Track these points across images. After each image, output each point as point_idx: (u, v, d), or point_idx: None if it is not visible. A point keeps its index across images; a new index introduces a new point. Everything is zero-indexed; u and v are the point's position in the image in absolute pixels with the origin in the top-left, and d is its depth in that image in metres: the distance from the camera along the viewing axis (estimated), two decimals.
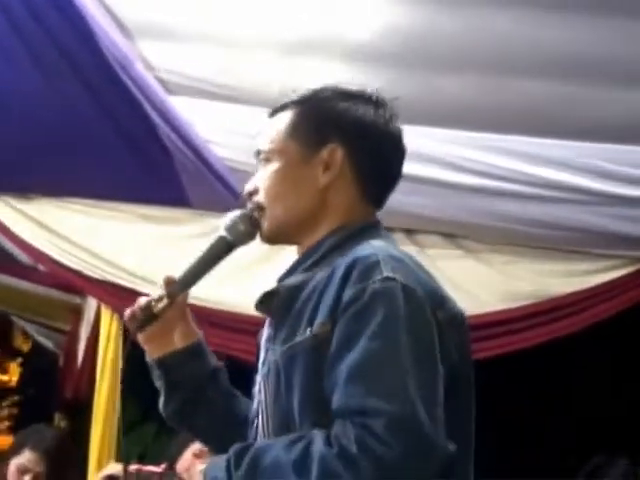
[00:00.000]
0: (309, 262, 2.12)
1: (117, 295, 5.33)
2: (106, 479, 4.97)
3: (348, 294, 1.90)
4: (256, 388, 2.16)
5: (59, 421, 6.59)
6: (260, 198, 2.18)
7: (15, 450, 5.10)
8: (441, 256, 5.15)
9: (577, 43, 3.81)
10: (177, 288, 2.22)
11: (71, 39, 4.23)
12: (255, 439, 2.09)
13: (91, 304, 5.80)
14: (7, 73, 4.38)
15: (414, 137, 4.48)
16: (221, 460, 1.97)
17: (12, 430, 9.07)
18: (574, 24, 3.78)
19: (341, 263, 1.97)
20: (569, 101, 4.20)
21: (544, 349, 5.47)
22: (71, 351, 6.60)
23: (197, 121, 4.77)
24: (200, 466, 2.05)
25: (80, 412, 5.69)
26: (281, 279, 2.16)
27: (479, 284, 5.25)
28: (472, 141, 4.50)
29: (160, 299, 2.20)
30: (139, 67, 4.46)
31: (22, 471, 5.04)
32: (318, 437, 1.83)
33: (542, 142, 4.57)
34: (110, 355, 5.33)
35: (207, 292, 4.54)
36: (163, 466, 5.21)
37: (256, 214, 2.18)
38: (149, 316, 2.20)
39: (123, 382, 5.25)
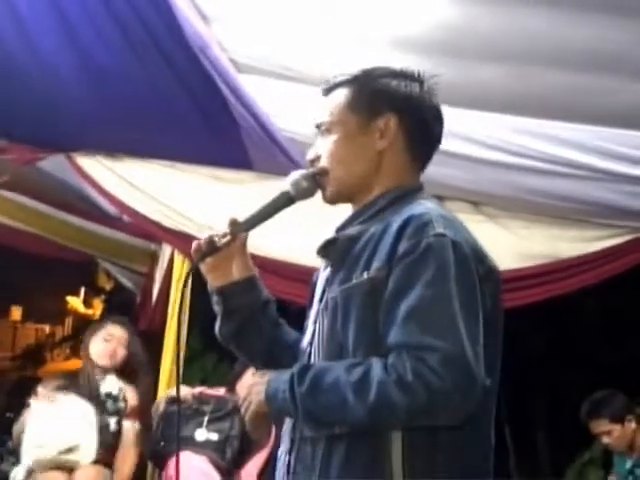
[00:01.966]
0: (365, 216, 2.13)
1: (188, 243, 5.23)
2: (171, 399, 5.02)
3: (404, 246, 1.92)
4: (310, 321, 2.18)
5: None
6: (323, 163, 2.18)
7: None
8: (465, 220, 5.11)
9: (593, 39, 3.76)
10: (239, 228, 2.21)
11: (158, 24, 4.20)
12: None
13: (166, 250, 5.82)
14: (105, 53, 4.37)
15: (452, 117, 4.51)
16: (285, 375, 1.97)
17: None
18: (591, 23, 3.73)
19: (397, 219, 1.99)
20: (584, 90, 4.16)
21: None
22: (147, 290, 6.65)
23: (262, 97, 4.74)
24: (262, 379, 2.04)
25: (153, 342, 5.71)
26: (339, 229, 2.18)
27: (498, 246, 5.22)
28: (500, 123, 4.45)
29: (224, 236, 2.20)
30: (214, 49, 4.43)
31: (107, 339, 5.13)
32: (376, 364, 1.84)
33: (561, 125, 4.51)
34: (180, 294, 5.31)
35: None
36: (222, 390, 5.26)
37: (319, 177, 2.18)
38: (212, 249, 2.20)
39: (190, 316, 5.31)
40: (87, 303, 10.17)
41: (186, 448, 4.86)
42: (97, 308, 9.92)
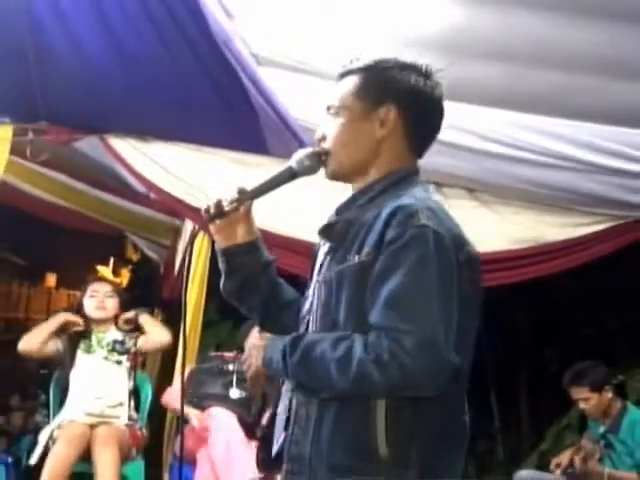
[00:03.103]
0: (362, 201, 2.12)
1: None
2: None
3: (391, 233, 1.93)
4: (310, 291, 2.19)
5: (157, 314, 6.61)
6: (327, 144, 2.17)
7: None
8: (461, 206, 5.12)
9: (587, 42, 3.76)
10: (246, 196, 2.22)
11: (186, 18, 4.18)
12: (305, 332, 2.12)
13: (188, 226, 5.81)
14: (137, 43, 4.35)
15: (456, 112, 4.48)
16: (279, 343, 2.02)
17: None
18: (581, 26, 3.72)
19: (387, 207, 1.99)
20: (574, 89, 4.15)
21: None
22: (170, 262, 6.65)
23: (279, 88, 4.71)
24: (260, 342, 2.09)
25: (173, 309, 5.70)
26: (338, 212, 2.18)
27: (491, 229, 5.23)
28: (499, 117, 4.44)
29: (231, 202, 2.21)
30: (237, 43, 4.40)
31: (93, 295, 5.17)
32: (358, 342, 1.88)
33: (553, 121, 4.50)
34: (200, 266, 5.36)
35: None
36: (235, 352, 5.26)
37: (323, 156, 2.18)
38: (219, 212, 2.22)
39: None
40: (115, 272, 10.16)
41: (217, 405, 4.88)
42: (124, 277, 9.91)
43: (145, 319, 5.35)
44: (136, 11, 4.22)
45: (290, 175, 2.21)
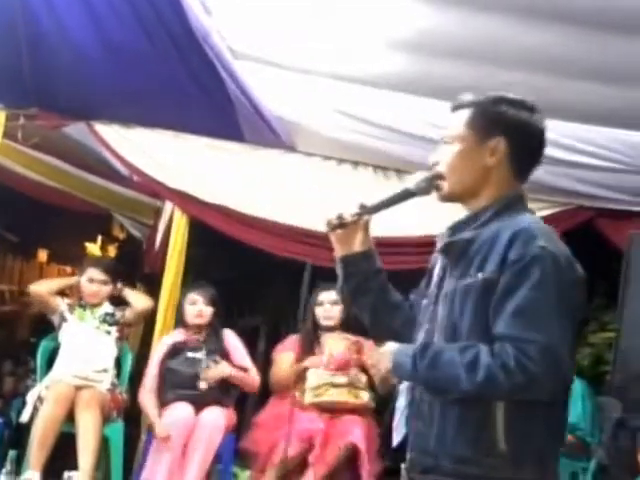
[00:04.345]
0: (477, 223, 2.15)
1: (187, 201, 5.31)
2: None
3: (514, 254, 1.99)
4: (428, 301, 2.22)
5: (139, 287, 6.53)
6: (441, 169, 2.20)
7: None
8: None
9: (542, 44, 3.77)
10: (365, 210, 2.28)
11: (168, 13, 4.13)
12: (426, 339, 2.16)
13: (168, 206, 5.73)
14: (122, 36, 4.30)
15: (418, 105, 4.43)
16: (409, 349, 2.09)
17: None
18: (539, 29, 3.71)
19: (505, 228, 2.05)
20: (532, 86, 4.04)
21: None
22: (151, 240, 6.57)
23: (254, 80, 4.65)
24: (387, 350, 2.14)
25: (155, 282, 5.64)
26: (454, 231, 2.19)
27: (442, 213, 5.14)
28: None
29: (353, 215, 2.28)
30: (215, 37, 4.34)
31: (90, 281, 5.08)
32: (484, 350, 1.95)
33: None
34: (178, 243, 5.29)
35: None
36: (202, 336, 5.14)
37: (437, 180, 2.21)
38: (340, 223, 2.29)
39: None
40: (103, 249, 10.04)
41: (185, 399, 4.79)
42: (111, 253, 9.81)
43: (127, 292, 5.33)
44: (122, 5, 4.16)
45: (408, 195, 2.25)
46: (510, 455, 1.98)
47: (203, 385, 4.77)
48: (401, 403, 2.22)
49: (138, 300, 5.28)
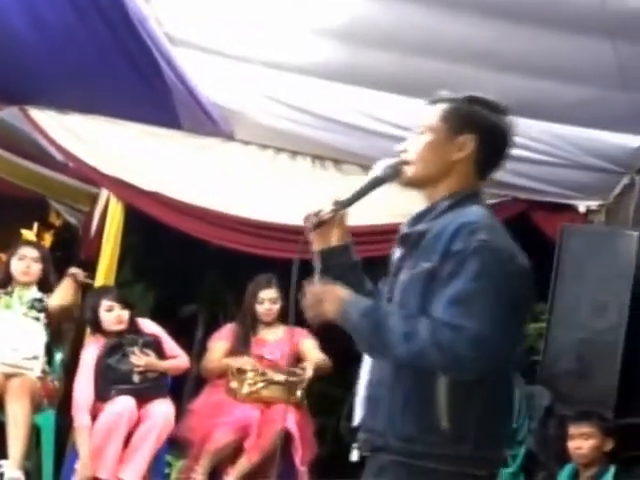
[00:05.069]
0: (432, 216, 2.23)
1: (123, 188, 5.27)
2: None
3: (456, 245, 2.09)
4: (386, 288, 2.32)
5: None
6: (409, 156, 2.28)
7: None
8: (357, 181, 5.06)
9: (469, 36, 3.81)
10: (340, 205, 2.33)
11: None
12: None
13: (103, 193, 5.67)
14: (57, 20, 4.26)
15: (351, 94, 4.45)
16: (360, 304, 2.18)
17: None
18: (467, 22, 3.75)
19: (454, 221, 2.14)
20: (459, 77, 4.14)
21: None
22: (87, 226, 6.49)
23: (191, 67, 4.64)
24: (338, 291, 2.21)
25: (90, 269, 5.58)
26: (412, 224, 2.28)
27: (380, 203, 5.16)
28: (390, 101, 4.41)
29: (329, 212, 2.34)
30: (152, 23, 4.31)
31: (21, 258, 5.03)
32: (424, 324, 2.06)
33: None
34: (113, 230, 5.27)
35: None
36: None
37: (402, 166, 2.28)
38: (319, 222, 2.35)
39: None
40: (39, 236, 9.88)
41: (123, 393, 4.74)
42: (47, 241, 9.64)
43: (62, 284, 5.14)
44: None
45: (378, 182, 2.31)
46: (451, 433, 2.10)
47: (136, 378, 4.74)
48: (360, 386, 2.33)
49: (58, 293, 5.09)
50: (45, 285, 5.13)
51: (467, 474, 2.11)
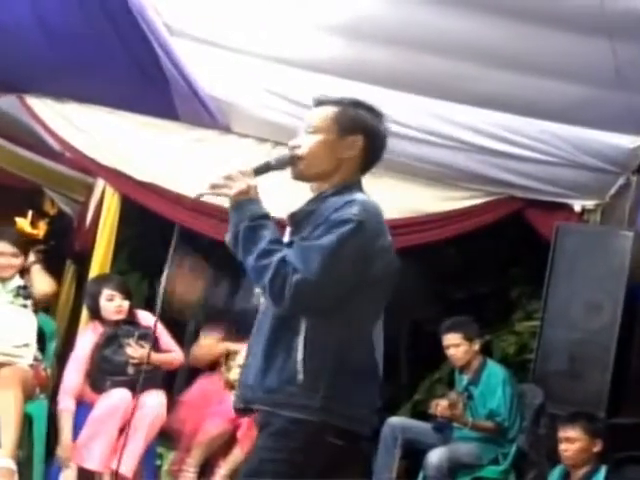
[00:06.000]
0: (318, 201, 2.52)
1: (118, 178, 5.29)
2: None
3: (332, 217, 2.39)
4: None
5: (70, 265, 6.44)
6: (301, 152, 2.54)
7: None
8: None
9: (472, 33, 3.79)
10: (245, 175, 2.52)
11: None
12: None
13: (99, 183, 5.67)
14: (57, 9, 4.28)
15: (350, 90, 4.44)
16: (258, 212, 2.43)
17: None
18: (470, 19, 3.74)
19: (338, 202, 2.43)
20: (460, 75, 4.20)
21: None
22: (82, 217, 6.48)
23: (190, 58, 4.62)
24: (251, 182, 2.46)
25: (85, 260, 5.59)
26: (304, 206, 2.56)
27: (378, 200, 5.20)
28: (387, 96, 4.36)
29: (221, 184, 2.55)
30: (151, 13, 4.30)
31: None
32: (279, 255, 2.35)
33: (438, 103, 4.58)
34: (109, 220, 5.29)
35: None
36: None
37: (295, 160, 2.55)
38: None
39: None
40: (34, 225, 9.87)
41: (118, 385, 4.75)
42: (42, 229, 9.63)
43: (35, 270, 5.16)
44: None
45: (266, 167, 2.54)
46: (305, 385, 2.38)
47: (131, 370, 4.75)
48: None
49: (38, 283, 5.09)
50: (27, 272, 5.11)
51: (325, 426, 2.37)
